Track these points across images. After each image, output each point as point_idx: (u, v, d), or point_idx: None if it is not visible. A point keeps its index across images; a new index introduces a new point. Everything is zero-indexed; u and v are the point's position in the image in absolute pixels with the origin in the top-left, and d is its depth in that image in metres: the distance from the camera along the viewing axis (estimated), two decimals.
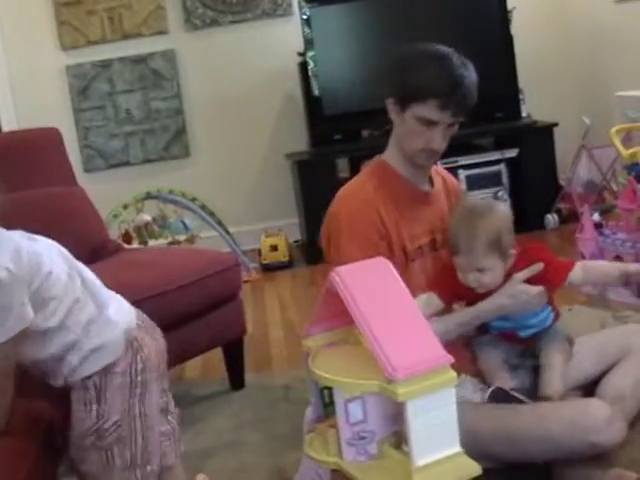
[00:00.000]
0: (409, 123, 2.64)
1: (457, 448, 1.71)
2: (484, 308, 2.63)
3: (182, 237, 5.84)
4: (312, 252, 5.81)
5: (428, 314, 2.49)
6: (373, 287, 1.75)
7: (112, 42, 6.35)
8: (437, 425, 1.68)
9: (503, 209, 2.68)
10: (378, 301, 1.72)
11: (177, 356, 3.56)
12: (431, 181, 2.85)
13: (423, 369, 1.63)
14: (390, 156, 2.77)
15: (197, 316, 3.49)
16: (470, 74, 2.62)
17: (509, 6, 6.02)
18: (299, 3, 6.03)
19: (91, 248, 3.69)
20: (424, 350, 1.66)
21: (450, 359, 1.67)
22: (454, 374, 1.67)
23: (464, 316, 2.66)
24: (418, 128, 2.63)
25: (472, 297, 2.67)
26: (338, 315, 1.85)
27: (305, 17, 5.94)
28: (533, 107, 6.30)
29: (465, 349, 2.77)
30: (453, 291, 2.67)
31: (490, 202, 2.84)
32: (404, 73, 2.65)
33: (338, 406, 1.81)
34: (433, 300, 2.62)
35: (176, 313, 3.39)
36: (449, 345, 2.48)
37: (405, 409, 1.64)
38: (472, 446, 1.75)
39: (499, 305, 2.62)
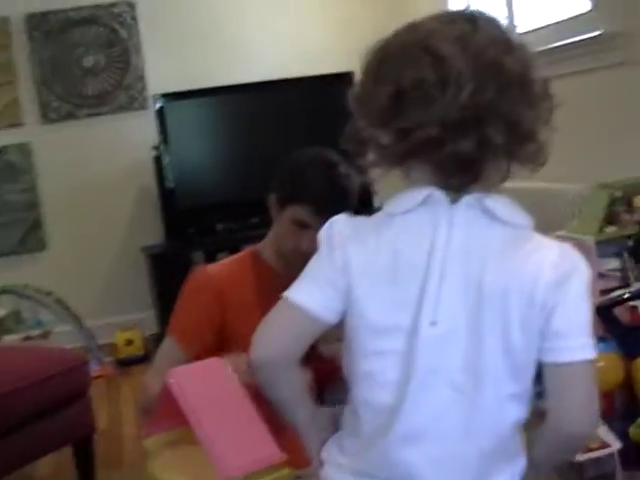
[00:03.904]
0: (285, 223, 2.69)
1: None
2: None
3: (36, 333, 5.73)
4: None
5: None
6: (208, 388, 1.78)
7: None
8: None
9: None
10: (212, 402, 1.74)
11: (26, 455, 3.52)
12: None
13: (255, 467, 1.65)
14: (264, 248, 2.83)
15: (43, 415, 3.44)
16: (352, 186, 2.69)
17: None
18: (153, 96, 6.09)
19: None
20: (258, 449, 1.69)
21: (283, 457, 1.70)
22: (287, 471, 1.70)
23: None
24: (292, 228, 2.68)
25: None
26: (179, 414, 1.87)
27: (159, 109, 5.99)
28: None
29: None
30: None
31: None
32: (289, 174, 2.72)
33: None
34: None
35: (19, 413, 3.35)
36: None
37: None
38: None
39: None
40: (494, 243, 1.50)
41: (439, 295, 1.48)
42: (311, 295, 1.56)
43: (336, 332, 1.63)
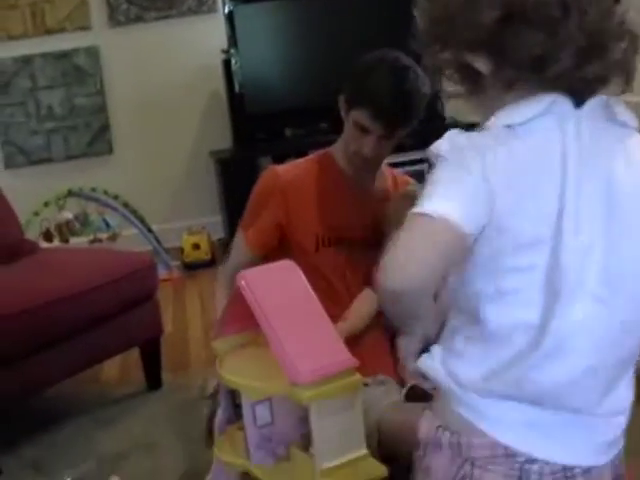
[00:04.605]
0: (349, 125, 2.66)
1: (363, 450, 1.71)
2: None
3: (104, 235, 5.75)
4: None
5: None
6: (279, 291, 1.75)
7: (34, 37, 6.23)
8: (342, 428, 1.68)
9: None
10: (283, 305, 1.71)
11: (93, 357, 3.55)
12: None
13: (327, 372, 1.63)
14: (336, 150, 2.82)
15: (112, 317, 3.46)
16: (418, 94, 2.61)
17: None
18: (223, 0, 6.01)
19: (5, 248, 3.64)
20: (329, 354, 1.66)
21: (355, 362, 1.67)
22: (359, 377, 1.67)
23: None
24: (355, 132, 2.65)
25: None
26: (248, 317, 1.85)
27: (228, 13, 5.91)
28: (456, 107, 6.31)
29: (390, 355, 2.74)
30: None
31: None
32: (355, 75, 2.67)
33: (245, 409, 1.81)
34: None
35: (90, 315, 3.37)
36: (376, 351, 2.51)
37: (310, 412, 1.64)
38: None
39: None
40: (618, 146, 1.45)
41: (578, 204, 1.40)
42: (459, 209, 1.38)
43: None
